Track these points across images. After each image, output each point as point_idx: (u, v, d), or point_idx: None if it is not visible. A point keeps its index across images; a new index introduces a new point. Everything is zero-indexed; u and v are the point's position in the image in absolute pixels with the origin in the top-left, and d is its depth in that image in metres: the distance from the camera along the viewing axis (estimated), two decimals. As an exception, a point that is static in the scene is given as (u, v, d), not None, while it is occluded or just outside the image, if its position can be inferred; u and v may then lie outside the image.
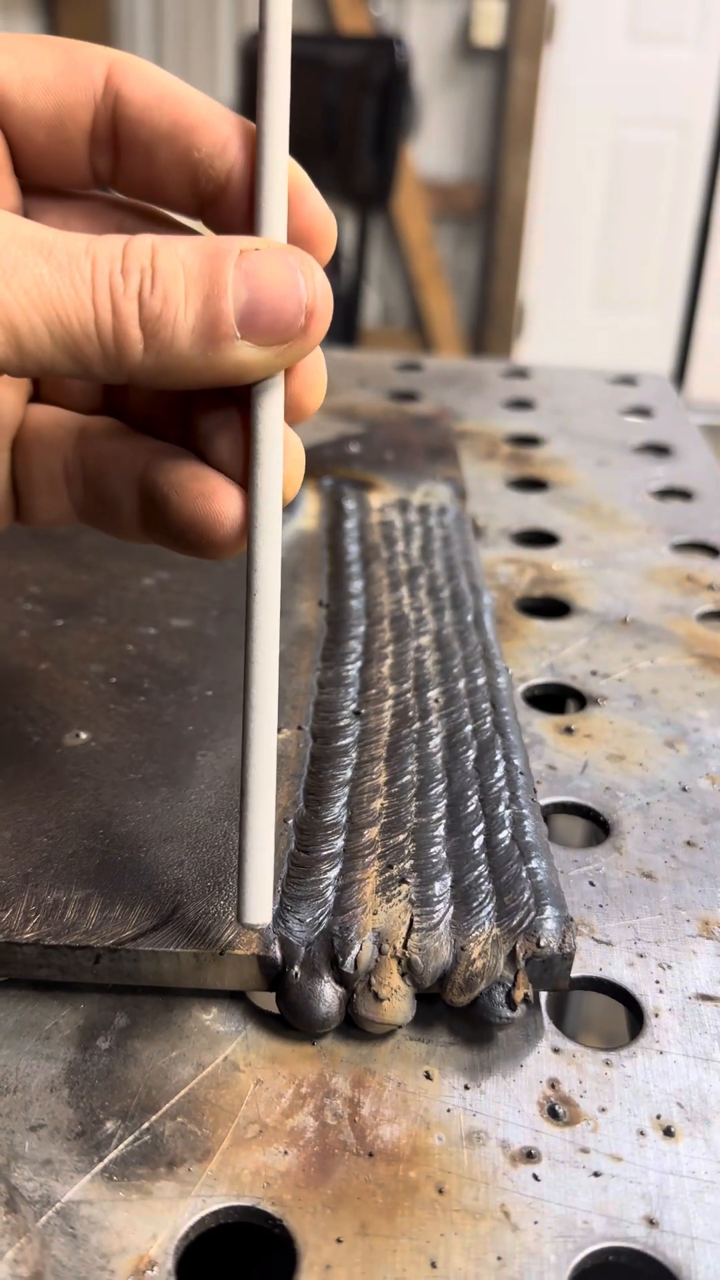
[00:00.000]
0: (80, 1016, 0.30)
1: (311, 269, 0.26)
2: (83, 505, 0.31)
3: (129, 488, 0.29)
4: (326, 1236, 0.24)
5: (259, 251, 0.25)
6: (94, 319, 0.24)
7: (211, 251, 0.25)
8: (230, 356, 0.25)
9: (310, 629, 0.44)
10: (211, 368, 0.25)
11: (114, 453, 0.30)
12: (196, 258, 0.24)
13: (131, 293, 0.24)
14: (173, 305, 0.24)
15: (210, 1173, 0.26)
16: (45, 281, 0.23)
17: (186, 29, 3.01)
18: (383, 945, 0.29)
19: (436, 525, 0.53)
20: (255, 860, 0.28)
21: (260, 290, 0.25)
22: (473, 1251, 0.24)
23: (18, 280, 0.23)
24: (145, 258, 0.24)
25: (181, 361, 0.25)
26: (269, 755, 0.28)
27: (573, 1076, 0.29)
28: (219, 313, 0.24)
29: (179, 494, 0.27)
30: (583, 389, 0.83)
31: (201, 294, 0.24)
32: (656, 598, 0.52)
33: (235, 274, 0.25)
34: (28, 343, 0.23)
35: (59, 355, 0.24)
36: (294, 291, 0.25)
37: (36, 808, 0.34)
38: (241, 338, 0.25)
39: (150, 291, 0.24)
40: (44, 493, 0.31)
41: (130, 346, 0.24)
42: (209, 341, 0.25)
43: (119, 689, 0.40)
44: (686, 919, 0.34)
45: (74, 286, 0.23)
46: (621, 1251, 0.25)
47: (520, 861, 0.32)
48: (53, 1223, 0.24)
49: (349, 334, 2.08)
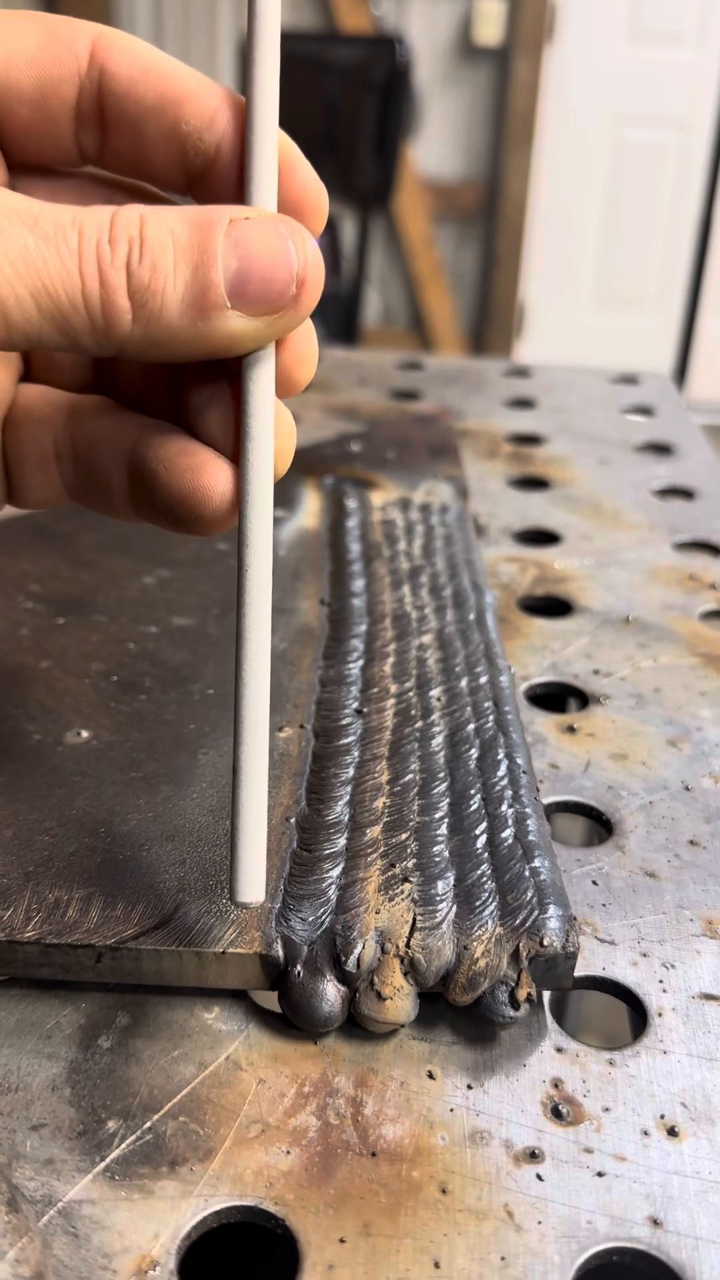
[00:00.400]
0: (82, 1015, 0.29)
1: (302, 237, 0.25)
2: (73, 483, 0.31)
3: (119, 464, 0.29)
4: (329, 1236, 0.24)
5: (249, 220, 0.25)
6: (81, 289, 0.23)
7: (201, 220, 0.24)
8: (220, 327, 0.25)
9: (312, 627, 0.44)
10: (201, 338, 0.25)
11: (104, 429, 0.29)
12: (185, 227, 0.24)
13: (119, 262, 0.24)
14: (161, 274, 0.24)
15: (212, 1172, 0.26)
16: (31, 251, 0.23)
17: (186, 27, 3.01)
18: (385, 944, 0.29)
19: (438, 524, 0.53)
20: (248, 838, 0.27)
21: (250, 259, 0.24)
22: (476, 1252, 0.24)
23: (2, 251, 0.23)
24: (133, 227, 0.24)
25: (171, 332, 0.24)
26: (261, 733, 0.27)
27: (576, 1076, 0.28)
28: (209, 282, 0.24)
29: (167, 469, 0.27)
30: (584, 388, 0.83)
31: (191, 263, 0.24)
32: (658, 597, 0.52)
33: (225, 243, 0.24)
34: (14, 315, 0.23)
35: (46, 327, 0.24)
36: (284, 260, 0.25)
37: (38, 806, 0.34)
38: (232, 307, 0.24)
39: (138, 261, 0.24)
40: (35, 471, 0.31)
41: (119, 317, 0.24)
42: (199, 311, 0.24)
43: (120, 687, 0.40)
44: (690, 918, 0.33)
45: (60, 256, 0.23)
46: (625, 1252, 0.25)
47: (523, 860, 0.31)
48: (54, 1222, 0.24)
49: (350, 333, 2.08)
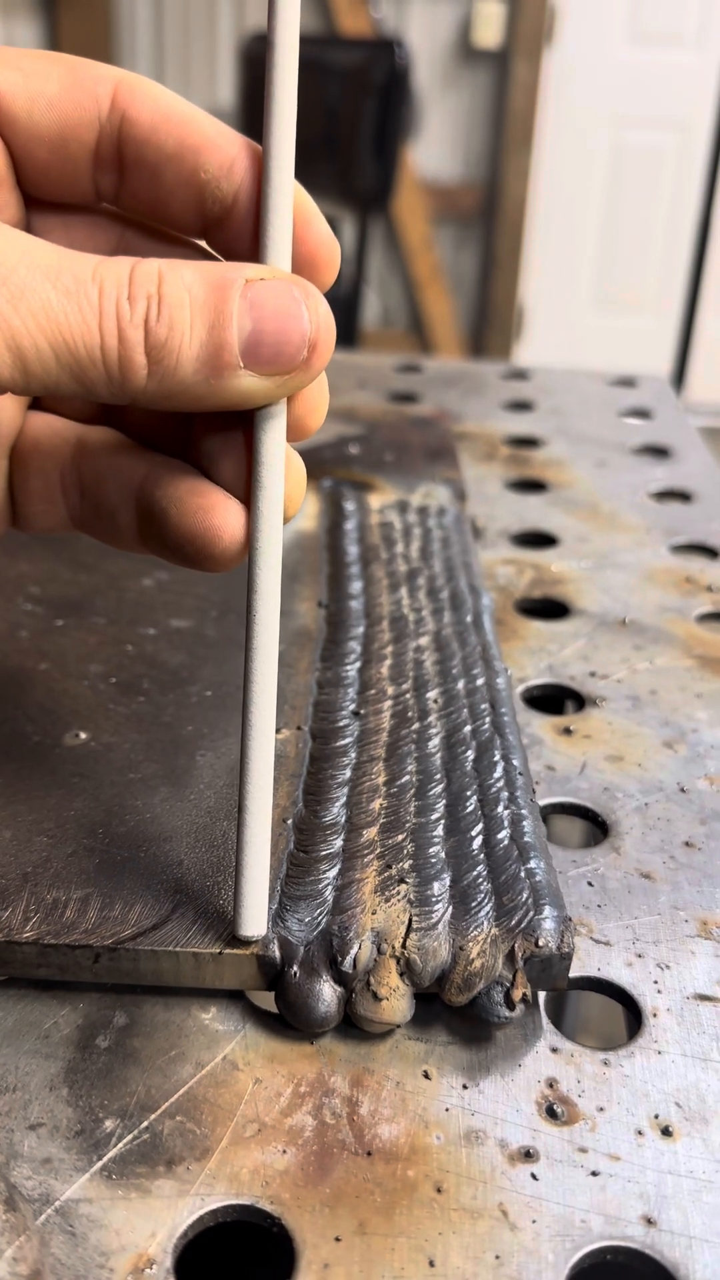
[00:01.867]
0: (79, 1015, 0.30)
1: (316, 301, 0.26)
2: (79, 515, 0.31)
3: (126, 499, 0.29)
4: (325, 1235, 0.24)
5: (264, 282, 0.25)
6: (100, 344, 0.24)
7: (217, 280, 0.25)
8: (233, 385, 0.25)
9: (309, 629, 0.44)
10: (214, 394, 0.25)
11: (112, 464, 0.30)
12: (202, 286, 0.25)
13: (138, 319, 0.24)
14: (178, 333, 0.24)
15: (209, 1171, 0.26)
16: (53, 306, 0.23)
17: (187, 31, 3.01)
18: (381, 945, 0.29)
19: (436, 526, 0.53)
20: (251, 875, 0.28)
21: (264, 321, 0.25)
22: (471, 1250, 0.24)
23: (25, 304, 0.23)
24: (152, 284, 0.24)
25: (184, 388, 0.25)
26: (266, 774, 0.28)
27: (571, 1076, 0.29)
28: (223, 342, 0.25)
29: (178, 508, 0.28)
30: (582, 390, 0.83)
31: (206, 323, 0.24)
32: (655, 599, 0.53)
33: (240, 304, 0.25)
34: (34, 365, 0.24)
35: (64, 377, 0.24)
36: (298, 324, 0.25)
37: (36, 807, 0.34)
38: (245, 367, 0.25)
39: (156, 319, 0.24)
40: (40, 500, 0.31)
41: (135, 372, 0.24)
42: (212, 370, 0.25)
43: (118, 689, 0.40)
44: (685, 919, 0.34)
45: (81, 312, 0.24)
46: (619, 1250, 0.25)
47: (519, 862, 0.32)
48: (52, 1221, 0.24)
49: (349, 336, 2.08)
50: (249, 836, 0.28)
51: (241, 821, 0.28)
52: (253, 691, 0.28)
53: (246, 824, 0.28)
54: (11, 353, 0.23)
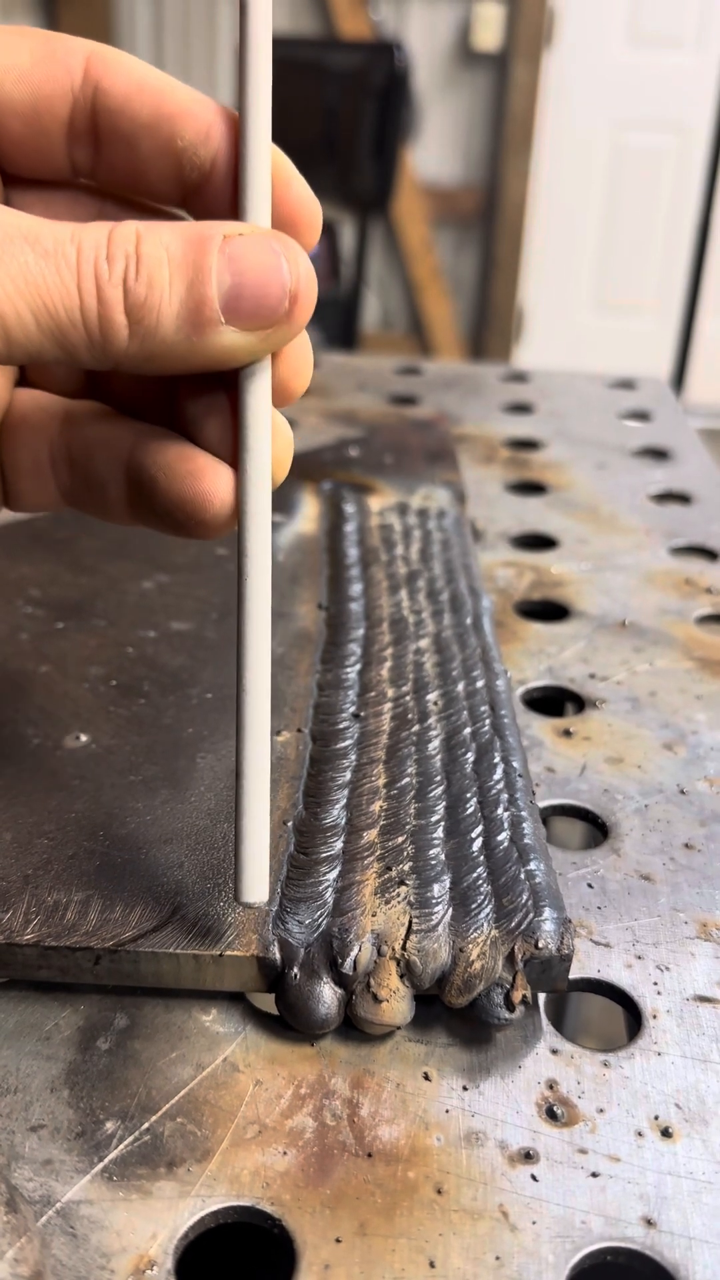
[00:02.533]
0: (80, 1017, 0.30)
1: (295, 253, 0.26)
2: (69, 489, 0.31)
3: (116, 470, 0.29)
4: (325, 1236, 0.25)
5: (242, 236, 0.25)
6: (79, 305, 0.24)
7: (195, 237, 0.25)
8: (215, 341, 0.25)
9: (310, 632, 0.44)
10: (196, 353, 0.25)
11: (100, 436, 0.30)
12: (180, 243, 0.25)
13: (116, 279, 0.24)
14: (157, 291, 0.24)
15: (210, 1173, 0.26)
16: (31, 269, 0.23)
17: (187, 29, 3.01)
18: (381, 947, 0.29)
19: (435, 528, 0.53)
20: (251, 840, 0.28)
21: (244, 275, 0.25)
22: (471, 1251, 0.24)
23: (3, 269, 0.23)
24: (130, 244, 0.24)
25: (167, 347, 0.25)
26: (263, 737, 0.28)
27: (571, 1077, 0.29)
28: (203, 298, 0.25)
29: (166, 474, 0.28)
30: (581, 393, 0.83)
31: (186, 279, 0.24)
32: (655, 601, 0.53)
33: (219, 259, 0.25)
34: (14, 331, 0.24)
35: (46, 342, 0.24)
36: (277, 276, 0.25)
37: (37, 810, 0.34)
38: (226, 323, 0.25)
39: (135, 277, 0.24)
40: (30, 477, 0.31)
41: (116, 332, 0.24)
42: (194, 327, 0.25)
43: (119, 691, 0.40)
44: (684, 921, 0.34)
45: (59, 274, 0.24)
46: (619, 1251, 0.25)
47: (519, 863, 0.32)
48: (53, 1222, 0.25)
49: (348, 338, 2.08)
50: (247, 802, 0.28)
51: (239, 787, 0.28)
52: (246, 656, 0.27)
53: (244, 789, 0.28)
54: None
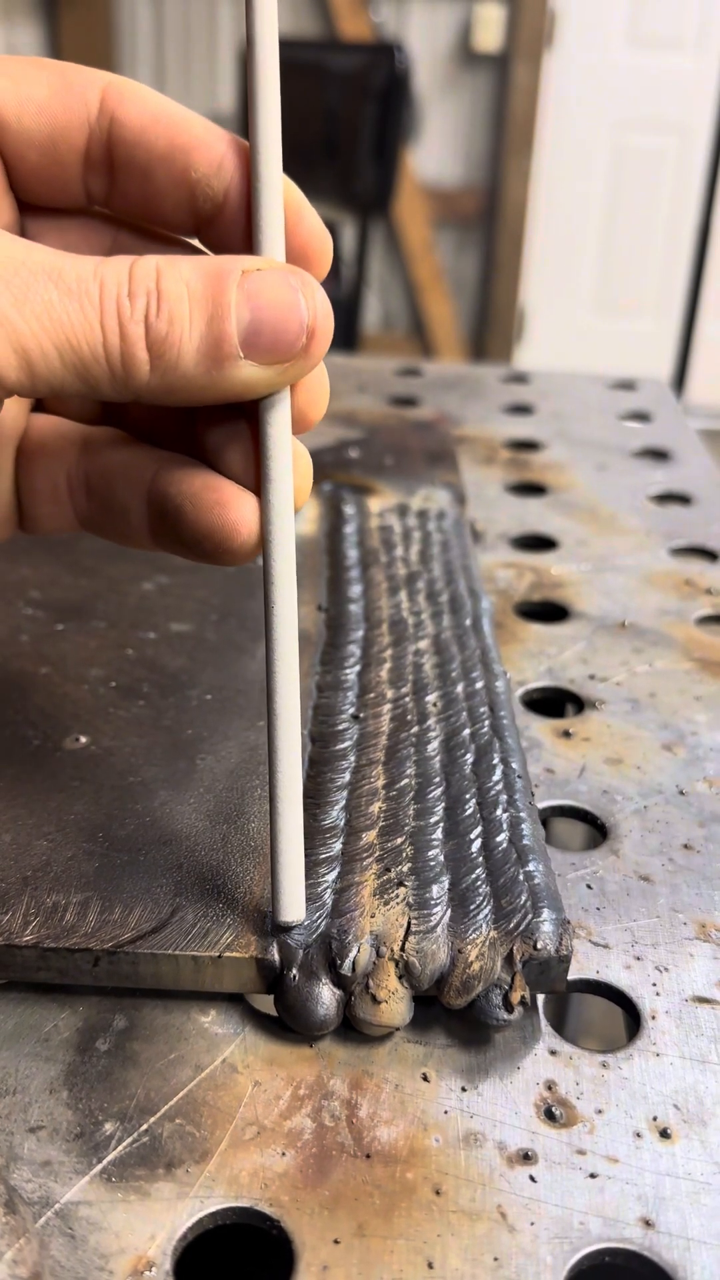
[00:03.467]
0: (79, 1019, 0.30)
1: (312, 289, 0.26)
2: (86, 514, 0.31)
3: (137, 498, 0.29)
4: (324, 1237, 0.25)
5: (260, 272, 0.25)
6: (102, 342, 0.24)
7: (215, 272, 0.25)
8: (234, 375, 0.25)
9: (309, 633, 0.44)
10: (215, 386, 0.25)
11: (120, 463, 0.30)
12: (200, 279, 0.25)
13: (139, 315, 0.24)
14: (178, 327, 0.25)
15: (208, 1174, 0.26)
16: (55, 306, 0.24)
17: (187, 35, 3.01)
18: (380, 948, 0.29)
19: (435, 530, 0.53)
20: (287, 862, 0.29)
21: (262, 311, 0.25)
22: (469, 1252, 0.24)
23: (29, 306, 0.23)
24: (151, 280, 0.25)
25: (187, 380, 0.25)
26: (295, 762, 0.28)
27: (569, 1078, 0.29)
28: (223, 333, 0.25)
29: (194, 504, 0.28)
30: (582, 394, 0.83)
31: (205, 315, 0.25)
32: (654, 602, 0.53)
33: (238, 295, 0.25)
34: (39, 366, 0.24)
35: (68, 377, 0.25)
36: (295, 312, 0.25)
37: (36, 811, 0.34)
38: (245, 357, 0.25)
39: (156, 314, 0.24)
40: (47, 502, 0.31)
41: (137, 367, 0.25)
42: (213, 362, 0.25)
43: (119, 693, 0.40)
44: (683, 922, 0.34)
45: (83, 310, 0.24)
46: (618, 1252, 0.25)
47: (518, 864, 0.32)
48: (51, 1223, 0.25)
49: (349, 339, 2.08)
50: (281, 825, 0.29)
51: (273, 811, 0.29)
52: (276, 682, 0.28)
53: (279, 813, 0.29)
54: (18, 355, 0.24)
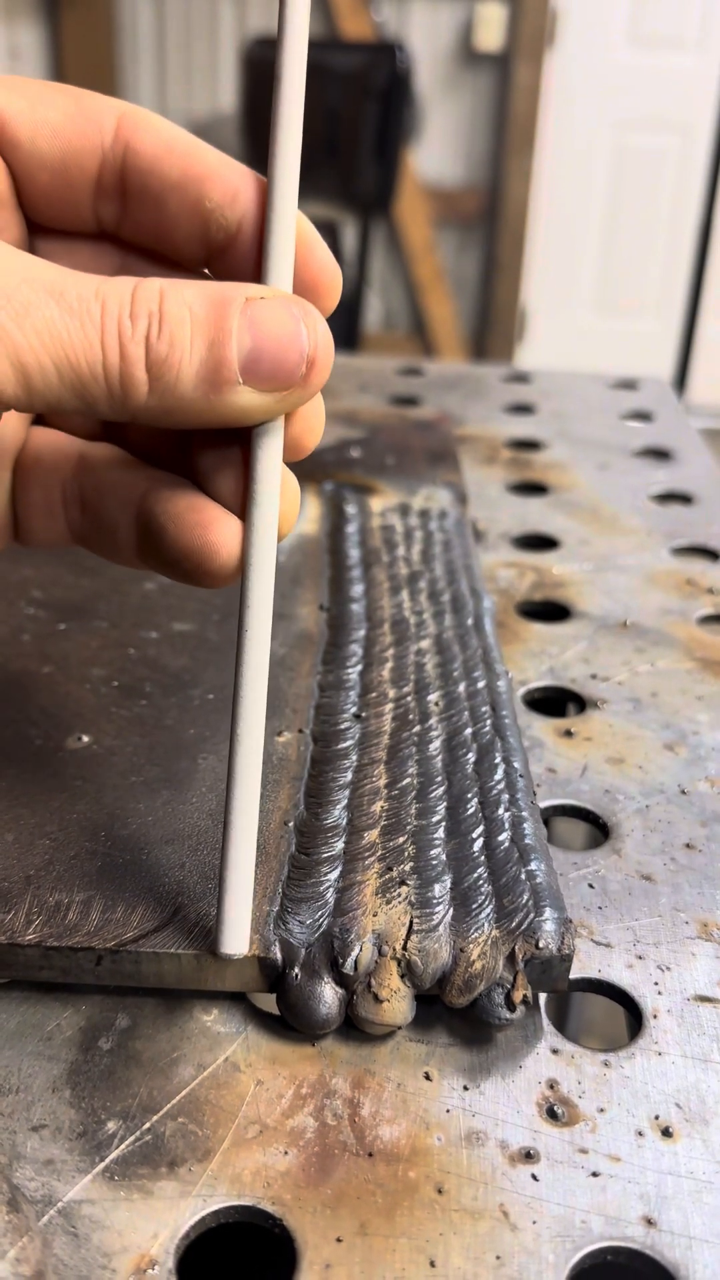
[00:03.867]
0: (82, 1018, 0.30)
1: (314, 320, 0.26)
2: (79, 529, 0.31)
3: (126, 515, 0.29)
4: (326, 1236, 0.25)
5: (263, 300, 0.25)
6: (102, 361, 0.24)
7: (218, 298, 0.25)
8: (232, 401, 0.25)
9: (311, 633, 0.44)
10: (213, 410, 0.26)
11: (113, 480, 0.30)
12: (203, 304, 0.25)
13: (139, 336, 0.24)
14: (178, 350, 0.25)
15: (211, 1172, 0.26)
16: (56, 323, 0.24)
17: (189, 34, 3.01)
18: (382, 947, 0.29)
19: (437, 529, 0.53)
20: (235, 893, 0.29)
21: (263, 339, 0.25)
22: (471, 1251, 0.24)
23: (29, 322, 0.24)
24: (153, 302, 0.25)
25: (184, 403, 0.25)
26: (252, 796, 0.28)
27: (571, 1077, 0.29)
28: (223, 359, 0.25)
29: (176, 524, 0.28)
30: (583, 393, 0.83)
31: (206, 340, 0.25)
32: (656, 601, 0.53)
33: (240, 321, 0.25)
34: (36, 382, 0.24)
35: (66, 394, 0.25)
36: (296, 341, 0.26)
37: (39, 810, 0.34)
38: (244, 383, 0.25)
39: (157, 336, 0.24)
40: (41, 515, 0.31)
41: (135, 388, 0.25)
42: (211, 386, 0.25)
43: (121, 692, 0.40)
44: (685, 921, 0.34)
45: (83, 329, 0.24)
46: (620, 1251, 0.25)
47: (519, 864, 0.32)
48: (54, 1222, 0.25)
49: (350, 339, 2.08)
50: (233, 854, 0.28)
51: (226, 836, 0.28)
52: (241, 708, 0.28)
53: (230, 840, 0.28)
54: (15, 370, 0.24)
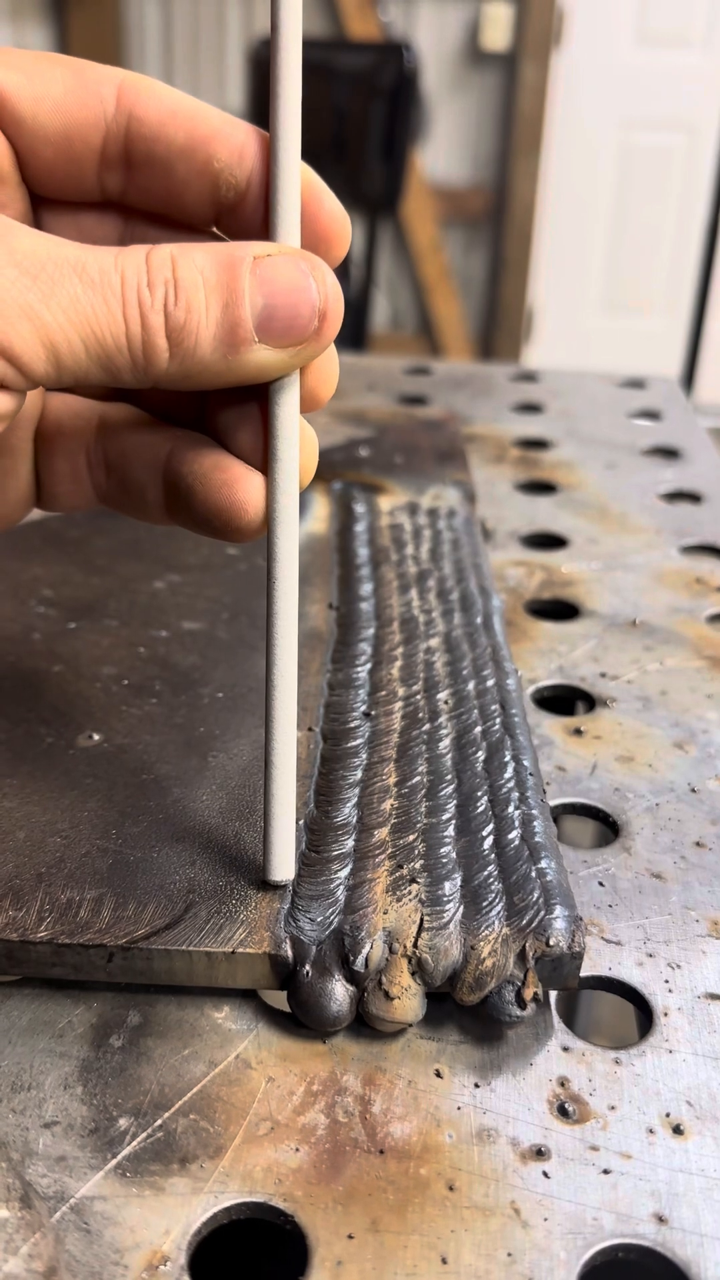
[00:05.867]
0: (93, 1015, 0.30)
1: (323, 273, 0.26)
2: (105, 491, 0.32)
3: (153, 476, 0.30)
4: (338, 1233, 0.25)
5: (271, 258, 0.26)
6: (125, 332, 0.25)
7: (227, 260, 0.25)
8: (249, 359, 0.26)
9: (320, 631, 0.44)
10: (231, 370, 0.26)
11: (136, 443, 0.31)
12: (214, 267, 0.25)
13: (158, 305, 0.25)
14: (195, 314, 0.25)
15: (222, 1169, 0.26)
16: (80, 299, 0.24)
17: (196, 36, 3.02)
18: (393, 944, 0.29)
19: (445, 528, 0.53)
20: (279, 823, 0.30)
21: (275, 295, 0.26)
22: (483, 1248, 0.24)
23: (56, 300, 0.24)
24: (167, 269, 0.25)
25: (204, 366, 0.26)
26: (290, 726, 0.30)
27: (582, 1075, 0.29)
28: (238, 319, 0.25)
29: (203, 484, 0.29)
30: (591, 392, 0.83)
31: (221, 302, 0.25)
32: (665, 600, 0.53)
33: (251, 280, 0.25)
34: (66, 358, 0.25)
35: (93, 367, 0.25)
36: (307, 295, 0.26)
37: (50, 808, 0.34)
38: (259, 341, 0.26)
39: (174, 303, 0.25)
40: (67, 481, 0.32)
41: (157, 355, 0.25)
42: (229, 347, 0.26)
43: (131, 691, 0.40)
44: (696, 919, 0.34)
45: (106, 302, 0.24)
46: (631, 1248, 0.25)
47: (530, 861, 0.32)
48: (67, 1218, 0.25)
49: (358, 338, 2.08)
50: (275, 786, 0.30)
51: (268, 773, 0.30)
52: (275, 642, 0.29)
53: (272, 774, 0.30)
54: (46, 349, 0.24)
